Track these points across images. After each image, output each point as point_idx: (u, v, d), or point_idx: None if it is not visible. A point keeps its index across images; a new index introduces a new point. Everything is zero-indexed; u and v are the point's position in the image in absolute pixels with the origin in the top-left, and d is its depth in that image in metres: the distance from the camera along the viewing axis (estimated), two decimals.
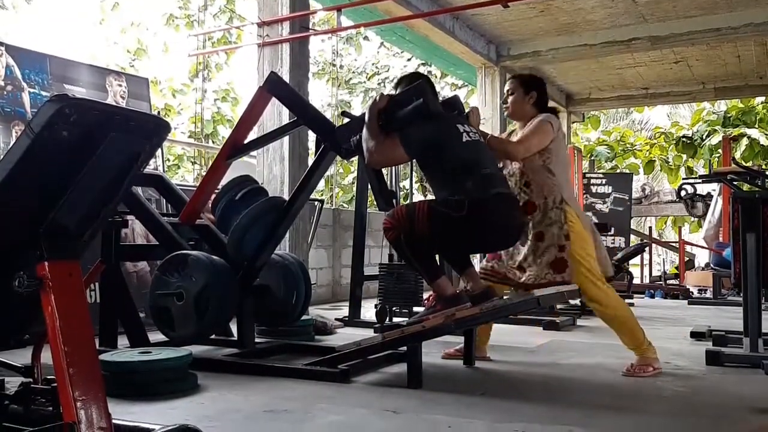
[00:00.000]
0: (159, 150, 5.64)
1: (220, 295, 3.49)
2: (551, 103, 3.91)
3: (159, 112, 10.62)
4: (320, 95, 14.27)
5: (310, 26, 6.27)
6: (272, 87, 3.80)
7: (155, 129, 2.06)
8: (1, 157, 1.84)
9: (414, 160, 3.57)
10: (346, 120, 3.67)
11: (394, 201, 3.70)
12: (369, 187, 5.20)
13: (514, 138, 3.71)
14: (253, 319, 4.10)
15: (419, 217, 3.22)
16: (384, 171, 3.95)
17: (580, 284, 3.57)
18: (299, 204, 3.78)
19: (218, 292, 3.49)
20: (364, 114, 3.40)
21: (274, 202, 3.86)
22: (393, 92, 3.51)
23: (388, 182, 5.92)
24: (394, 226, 3.30)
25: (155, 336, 3.81)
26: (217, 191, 4.02)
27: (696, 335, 4.90)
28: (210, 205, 4.04)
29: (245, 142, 3.91)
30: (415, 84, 3.35)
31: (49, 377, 2.07)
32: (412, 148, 3.28)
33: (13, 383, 2.26)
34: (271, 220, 3.69)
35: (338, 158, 4.34)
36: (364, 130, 3.33)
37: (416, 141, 3.27)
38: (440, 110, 3.40)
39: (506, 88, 3.84)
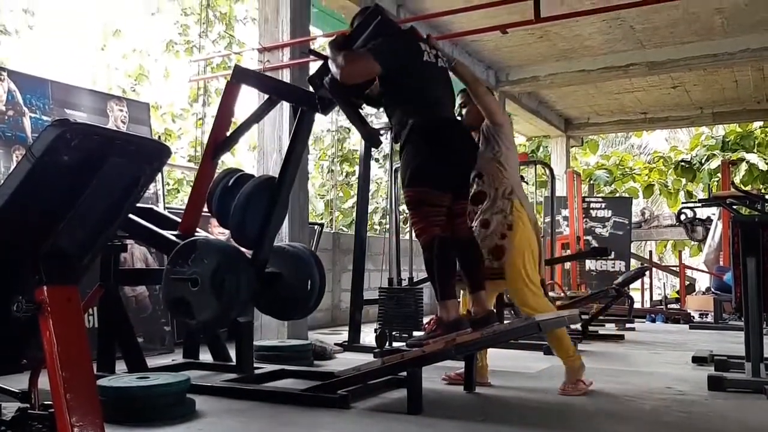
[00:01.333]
0: (159, 174, 5.66)
1: (234, 274, 3.40)
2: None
3: (159, 137, 10.66)
4: (320, 120, 14.31)
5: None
6: (239, 77, 3.89)
7: (156, 153, 2.07)
8: (2, 181, 1.84)
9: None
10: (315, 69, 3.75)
11: (380, 137, 3.74)
12: (368, 210, 5.19)
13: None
14: (252, 344, 4.07)
15: (412, 195, 3.39)
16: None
17: (517, 289, 3.71)
18: (290, 174, 3.75)
19: (232, 270, 3.40)
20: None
21: (265, 179, 3.82)
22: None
23: (388, 206, 5.92)
24: (419, 228, 3.38)
25: (153, 361, 3.79)
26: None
27: (698, 360, 4.86)
28: (206, 204, 4.00)
29: (227, 135, 3.93)
30: (371, 10, 3.54)
31: (46, 403, 2.06)
32: (381, 57, 3.34)
33: (10, 408, 2.24)
34: (267, 196, 3.65)
35: (338, 184, 4.34)
36: (330, 59, 3.41)
37: (384, 50, 3.37)
38: (400, 28, 3.61)
39: (458, 102, 3.96)
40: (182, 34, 11.68)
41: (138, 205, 3.14)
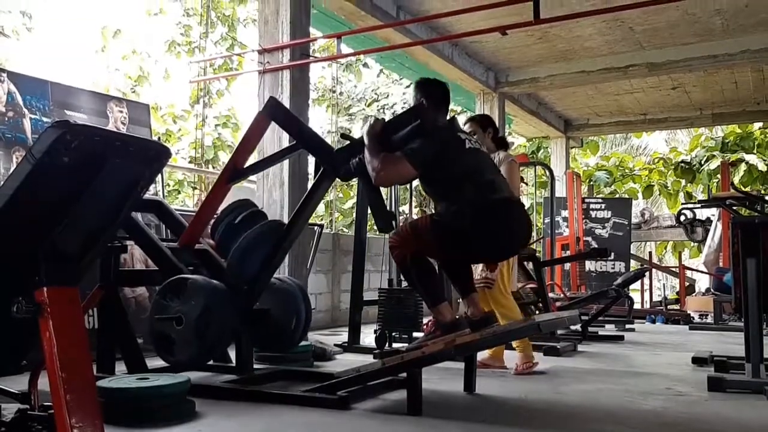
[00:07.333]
0: (159, 175, 5.66)
1: (219, 320, 3.46)
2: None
3: (159, 138, 10.65)
4: (320, 122, 14.31)
5: (311, 53, 6.32)
6: (271, 111, 3.82)
7: (155, 155, 2.07)
8: (3, 182, 1.84)
9: (415, 182, 3.63)
10: (346, 143, 3.70)
11: (393, 222, 3.72)
12: (369, 211, 5.21)
13: None
14: (251, 345, 4.07)
15: (423, 230, 3.32)
16: (383, 192, 3.94)
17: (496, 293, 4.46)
18: (298, 227, 3.77)
19: (218, 316, 3.46)
20: (362, 137, 3.44)
21: (273, 226, 3.85)
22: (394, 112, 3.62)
23: (388, 206, 5.92)
24: (400, 244, 3.35)
25: (153, 362, 3.79)
26: (216, 216, 4.02)
27: (698, 361, 4.86)
28: (209, 230, 4.04)
29: (245, 166, 3.92)
30: (411, 107, 3.48)
31: (46, 404, 2.06)
32: (418, 161, 3.27)
33: (10, 409, 2.24)
34: (270, 244, 3.68)
35: (338, 182, 4.36)
36: (366, 152, 3.35)
37: (421, 154, 3.28)
38: (439, 124, 3.48)
39: (468, 130, 4.23)
40: (184, 34, 11.68)
41: (146, 197, 3.15)
